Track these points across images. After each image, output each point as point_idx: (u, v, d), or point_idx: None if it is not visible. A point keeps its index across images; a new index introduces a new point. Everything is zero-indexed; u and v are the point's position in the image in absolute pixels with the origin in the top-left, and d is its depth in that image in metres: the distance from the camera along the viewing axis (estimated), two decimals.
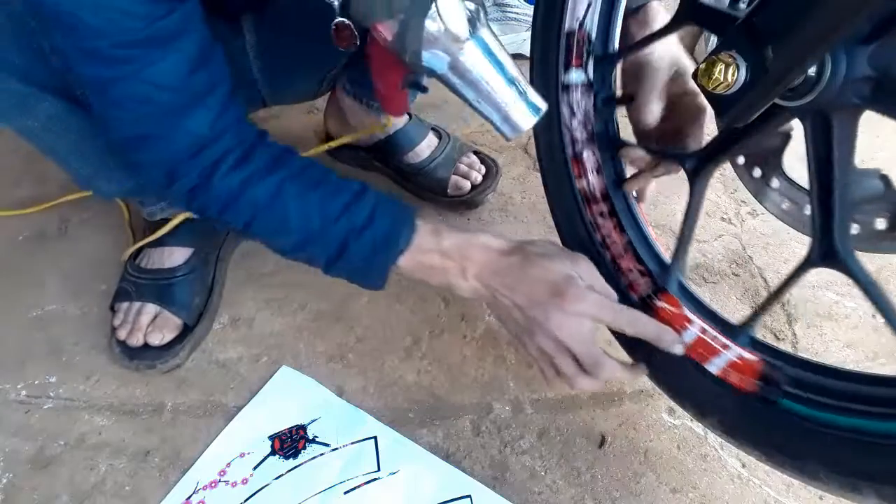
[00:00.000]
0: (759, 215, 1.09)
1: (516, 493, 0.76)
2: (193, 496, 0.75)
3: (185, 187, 0.67)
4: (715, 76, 0.52)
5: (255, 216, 0.68)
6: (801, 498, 0.76)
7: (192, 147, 0.65)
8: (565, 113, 0.78)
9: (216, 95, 0.65)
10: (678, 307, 0.69)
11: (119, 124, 0.65)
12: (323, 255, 0.70)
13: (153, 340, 0.86)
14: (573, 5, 0.75)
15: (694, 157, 0.67)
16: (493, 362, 0.89)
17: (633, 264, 0.74)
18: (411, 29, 0.54)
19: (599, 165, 0.78)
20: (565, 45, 0.76)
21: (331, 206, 0.68)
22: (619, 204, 0.76)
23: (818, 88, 0.51)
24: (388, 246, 0.69)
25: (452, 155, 1.10)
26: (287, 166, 0.69)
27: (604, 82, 0.77)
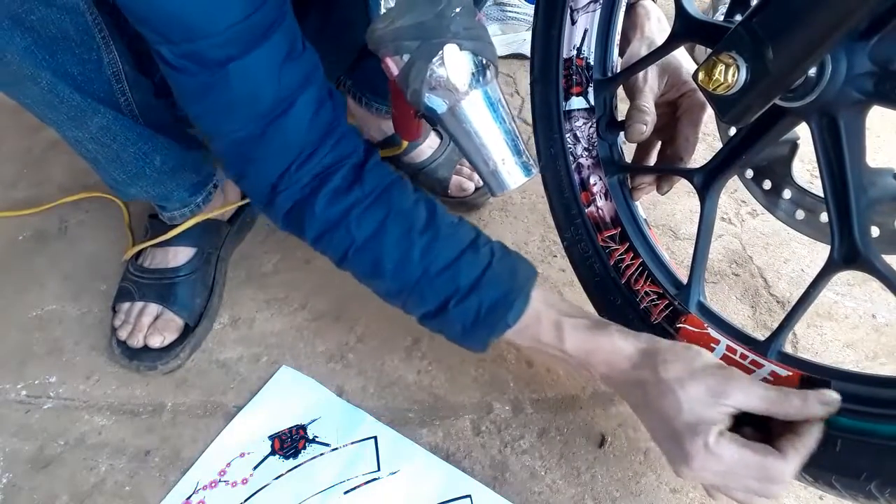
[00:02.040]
0: (759, 215, 1.09)
1: (516, 493, 0.76)
2: (193, 496, 0.75)
3: (288, 202, 0.64)
4: (715, 77, 0.52)
5: (350, 251, 0.64)
6: (801, 498, 0.76)
7: (295, 153, 0.62)
8: (569, 140, 0.78)
9: (312, 88, 0.63)
10: (702, 327, 0.67)
11: (221, 133, 0.63)
12: (419, 308, 0.66)
13: (154, 342, 0.86)
14: (570, 33, 0.75)
15: (702, 171, 0.66)
16: (493, 362, 0.89)
17: (650, 287, 0.72)
18: (415, 69, 0.54)
19: (608, 190, 0.77)
20: (564, 72, 0.77)
21: (436, 257, 0.63)
22: (631, 228, 0.76)
23: (820, 87, 0.51)
24: (493, 318, 0.63)
25: (453, 156, 1.10)
26: (395, 200, 0.64)
27: (605, 107, 0.77)
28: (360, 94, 1.04)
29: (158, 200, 0.90)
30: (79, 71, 0.68)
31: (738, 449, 0.54)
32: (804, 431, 0.55)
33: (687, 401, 0.56)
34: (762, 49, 0.48)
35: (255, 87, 0.60)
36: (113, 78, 0.72)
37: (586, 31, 0.75)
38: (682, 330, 0.69)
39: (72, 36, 0.65)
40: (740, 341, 0.65)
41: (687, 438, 0.55)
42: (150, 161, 0.80)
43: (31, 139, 1.23)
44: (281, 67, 0.60)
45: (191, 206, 0.91)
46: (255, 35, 0.58)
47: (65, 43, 0.65)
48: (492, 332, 0.63)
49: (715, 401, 0.56)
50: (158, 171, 0.82)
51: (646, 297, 0.72)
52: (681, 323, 0.69)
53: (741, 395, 0.56)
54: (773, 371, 0.61)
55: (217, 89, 0.59)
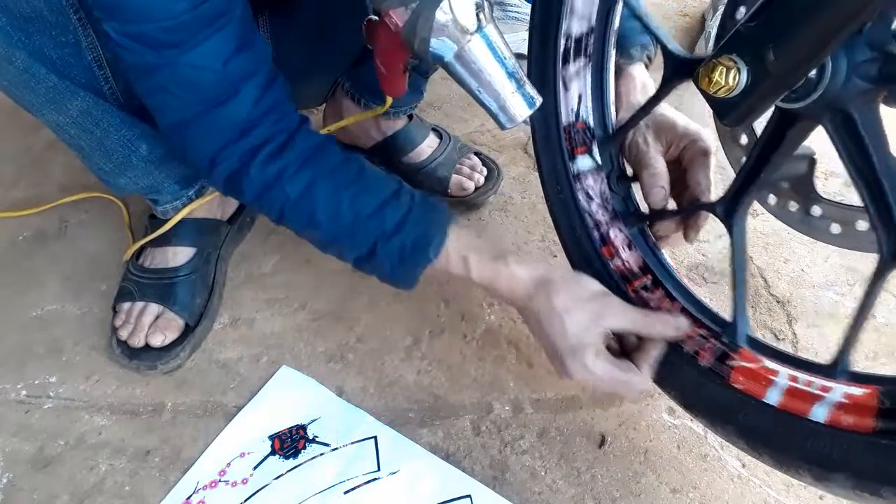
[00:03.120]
0: (759, 215, 1.08)
1: (516, 493, 0.76)
2: (193, 496, 0.75)
3: (225, 172, 0.69)
4: (715, 80, 0.52)
5: (285, 209, 0.70)
6: (801, 498, 0.76)
7: (234, 131, 0.66)
8: (582, 200, 0.78)
9: (257, 77, 0.66)
10: (757, 361, 0.63)
11: (164, 110, 0.67)
12: (352, 254, 0.71)
13: (154, 342, 0.86)
14: (565, 99, 0.77)
15: (723, 201, 0.65)
16: (493, 362, 0.89)
17: (694, 329, 0.68)
18: (422, 18, 0.55)
19: (630, 241, 0.76)
20: (566, 137, 0.77)
21: (363, 205, 0.69)
22: (661, 272, 0.73)
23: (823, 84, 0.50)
24: (416, 255, 0.69)
25: (453, 155, 1.10)
26: (323, 161, 0.70)
27: (612, 162, 0.77)
28: (358, 95, 1.04)
29: (149, 193, 0.89)
30: (57, 55, 0.69)
31: (608, 368, 0.66)
32: (654, 349, 0.68)
33: (570, 326, 0.66)
34: (762, 51, 0.48)
35: (202, 77, 0.63)
36: (94, 63, 0.72)
37: (581, 95, 0.77)
38: (736, 368, 0.64)
39: (46, 16, 0.66)
40: (802, 368, 0.61)
41: (569, 358, 0.67)
42: (136, 149, 0.80)
43: (30, 139, 1.22)
44: (229, 60, 0.63)
45: (183, 198, 0.91)
46: (203, 24, 0.61)
47: (39, 23, 0.66)
48: (416, 266, 0.70)
49: (594, 324, 0.67)
50: (146, 161, 0.82)
51: (690, 341, 0.68)
52: (733, 360, 0.64)
53: (615, 318, 0.67)
54: (846, 393, 0.57)
55: (163, 72, 0.63)
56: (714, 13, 1.43)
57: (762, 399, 0.61)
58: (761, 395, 0.62)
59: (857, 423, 0.55)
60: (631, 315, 0.68)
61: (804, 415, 0.58)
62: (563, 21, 0.73)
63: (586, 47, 0.75)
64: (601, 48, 0.75)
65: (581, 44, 0.75)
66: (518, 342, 0.91)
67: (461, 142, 1.14)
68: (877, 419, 0.54)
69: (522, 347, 0.90)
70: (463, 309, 0.95)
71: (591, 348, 0.66)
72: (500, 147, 1.22)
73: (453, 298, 0.96)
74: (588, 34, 0.74)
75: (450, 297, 0.96)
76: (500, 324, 0.93)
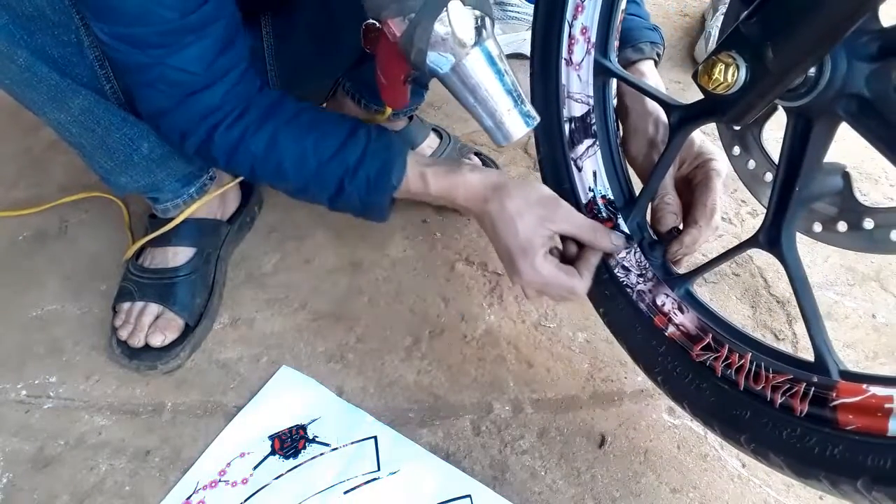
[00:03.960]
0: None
1: (516, 493, 0.76)
2: (193, 496, 0.75)
3: (194, 144, 0.73)
4: (715, 76, 0.52)
5: (255, 165, 0.74)
6: (801, 498, 0.76)
7: (203, 113, 0.71)
8: (621, 275, 0.76)
9: (234, 72, 0.70)
10: (863, 392, 0.54)
11: (147, 101, 0.72)
12: (324, 194, 0.75)
13: (154, 342, 0.86)
14: (580, 179, 0.78)
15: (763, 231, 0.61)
16: (493, 362, 0.89)
17: (776, 379, 0.60)
18: (420, 29, 0.55)
19: (680, 304, 0.71)
20: (590, 215, 0.77)
21: (324, 148, 0.72)
22: (721, 328, 0.67)
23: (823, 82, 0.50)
24: (380, 184, 0.73)
25: (453, 155, 1.10)
26: (279, 115, 0.73)
27: (640, 228, 0.76)
28: (358, 95, 1.04)
29: (150, 192, 0.89)
30: (59, 53, 0.70)
31: (554, 270, 0.70)
32: (593, 255, 0.73)
33: (522, 228, 0.69)
34: (762, 48, 0.48)
35: (185, 76, 0.67)
36: (96, 62, 0.73)
37: (595, 171, 0.78)
38: (841, 406, 0.55)
39: (48, 15, 0.67)
40: None
41: (519, 258, 0.70)
42: (138, 147, 0.81)
43: (31, 139, 1.23)
44: (213, 62, 0.68)
45: (183, 197, 0.91)
46: (192, 30, 0.65)
47: (41, 22, 0.67)
48: (382, 194, 0.74)
49: (543, 226, 0.70)
50: (146, 159, 0.82)
51: (776, 392, 0.60)
52: (835, 399, 0.55)
53: (563, 223, 0.71)
54: None
55: (151, 72, 0.67)
56: (714, 13, 1.43)
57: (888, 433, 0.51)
58: (885, 430, 0.52)
59: None
60: (576, 219, 0.71)
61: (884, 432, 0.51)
62: (562, 108, 0.76)
63: (590, 126, 0.77)
64: (604, 125, 0.77)
65: (584, 123, 0.77)
66: (518, 342, 0.91)
67: (461, 142, 1.14)
68: None
69: (522, 347, 0.90)
70: (463, 309, 0.95)
71: (541, 250, 0.70)
72: (500, 147, 1.22)
73: (453, 298, 0.96)
74: (589, 113, 0.76)
75: (450, 297, 0.96)
76: (500, 324, 0.93)
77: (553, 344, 0.91)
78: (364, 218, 0.77)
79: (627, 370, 0.87)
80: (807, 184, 0.57)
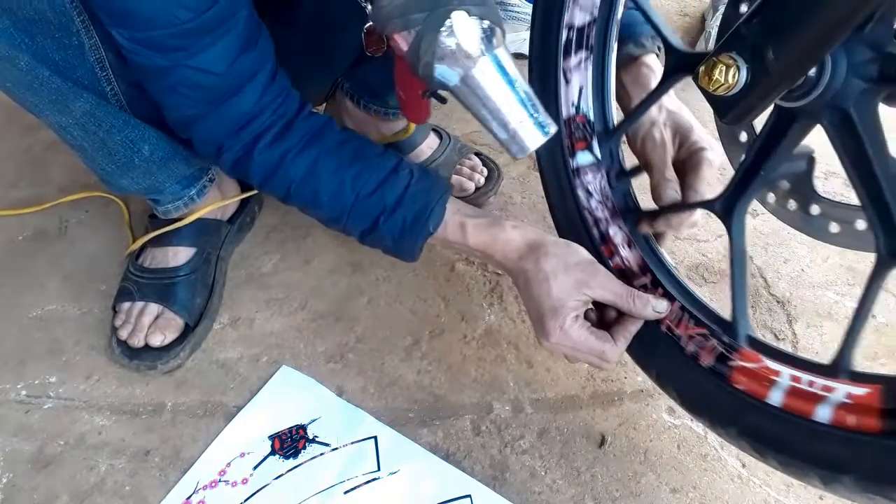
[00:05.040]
0: (759, 215, 1.09)
1: (516, 493, 0.76)
2: (193, 496, 0.75)
3: (230, 160, 0.72)
4: (715, 78, 0.52)
5: (291, 190, 0.72)
6: (801, 498, 0.76)
7: (238, 123, 0.69)
8: (582, 196, 0.77)
9: (262, 74, 0.69)
10: (759, 361, 0.62)
11: (174, 108, 0.71)
12: (356, 229, 0.74)
13: (154, 341, 0.86)
14: (565, 92, 0.76)
15: (721, 199, 0.65)
16: (493, 362, 0.89)
17: (694, 329, 0.68)
18: (425, 42, 0.54)
19: (630, 239, 0.75)
20: (566, 131, 0.77)
21: (364, 183, 0.71)
22: (661, 272, 0.73)
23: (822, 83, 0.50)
24: (416, 229, 0.72)
25: (453, 155, 1.10)
26: (324, 142, 0.72)
27: (612, 157, 0.77)
28: (357, 96, 1.04)
29: (151, 194, 0.89)
30: (60, 56, 0.69)
31: (585, 334, 0.68)
32: (632, 324, 0.70)
33: (556, 289, 0.68)
34: (762, 49, 0.48)
35: (209, 78, 0.66)
36: (97, 65, 0.72)
37: (581, 88, 0.77)
38: (737, 368, 0.63)
39: (49, 18, 0.66)
40: (804, 369, 0.60)
41: (549, 318, 0.68)
42: (139, 150, 0.80)
43: (30, 139, 1.23)
44: (234, 62, 0.66)
45: (184, 199, 0.91)
46: (207, 30, 0.63)
47: (43, 25, 0.66)
48: (417, 239, 0.72)
49: (578, 291, 0.68)
50: (147, 161, 0.82)
51: (690, 341, 0.68)
52: (734, 361, 0.64)
53: (600, 289, 0.68)
54: (849, 392, 0.56)
55: (172, 75, 0.66)
56: (714, 13, 1.43)
57: (765, 400, 0.61)
58: (764, 396, 0.61)
59: (863, 424, 0.54)
60: (614, 287, 0.69)
61: (808, 416, 0.57)
62: (565, 11, 0.73)
63: (588, 39, 0.75)
64: (603, 40, 0.75)
65: (583, 35, 0.74)
66: (518, 342, 0.91)
67: (461, 142, 1.14)
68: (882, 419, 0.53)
69: (522, 347, 0.90)
70: (463, 309, 0.95)
71: (572, 312, 0.68)
72: (499, 147, 1.22)
73: (453, 298, 0.96)
74: (590, 25, 0.74)
75: (450, 297, 0.96)
76: (500, 324, 0.93)
77: None
78: (392, 255, 0.76)
79: (627, 370, 0.87)
80: (773, 168, 0.61)
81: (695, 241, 1.04)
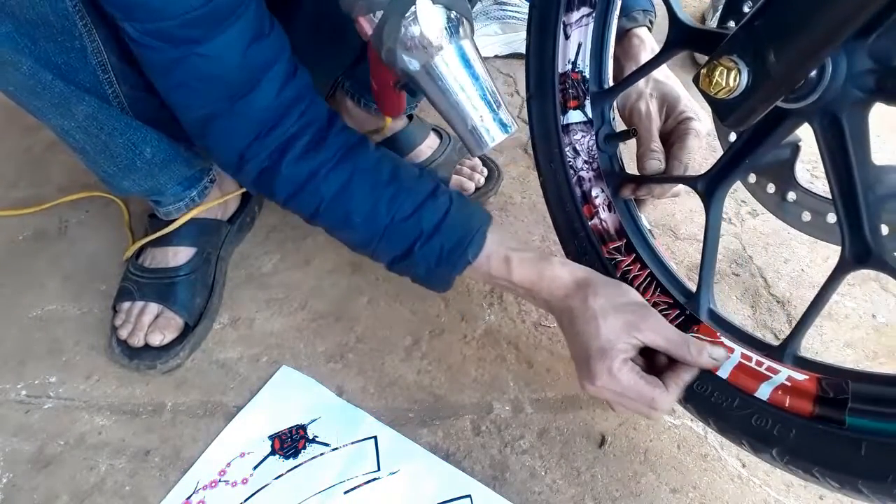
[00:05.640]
0: (759, 215, 1.09)
1: (516, 493, 0.76)
2: (193, 496, 0.75)
3: (255, 170, 0.68)
4: (716, 80, 0.52)
5: (321, 208, 0.68)
6: (801, 498, 0.76)
7: (261, 125, 0.66)
8: (569, 154, 0.78)
9: (277, 67, 0.66)
10: (715, 336, 0.66)
11: (188, 106, 0.67)
12: (387, 255, 0.70)
13: (153, 340, 0.86)
14: (564, 47, 0.76)
15: (705, 178, 0.66)
16: (493, 362, 0.89)
17: (660, 298, 0.71)
18: (388, 26, 0.54)
19: (610, 202, 0.76)
20: (560, 86, 0.77)
21: (400, 206, 0.67)
22: (636, 238, 0.74)
23: (821, 88, 0.51)
24: (453, 258, 0.68)
25: (453, 155, 1.10)
26: (358, 159, 0.68)
27: (603, 119, 0.77)
28: (358, 95, 1.04)
29: (152, 195, 0.89)
30: (63, 60, 0.68)
31: (635, 378, 0.62)
32: (686, 372, 0.64)
33: (605, 329, 0.63)
34: (763, 52, 0.48)
35: (221, 69, 0.63)
36: (99, 68, 0.71)
37: (580, 45, 0.76)
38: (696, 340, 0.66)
39: (52, 22, 0.65)
40: (755, 348, 0.63)
41: (596, 360, 0.63)
42: (141, 152, 0.80)
43: (30, 139, 1.22)
44: (246, 50, 0.63)
45: (185, 200, 0.91)
46: (219, 17, 0.61)
47: (46, 29, 0.65)
48: (454, 269, 0.69)
49: (628, 333, 0.63)
50: (149, 164, 0.82)
51: (655, 307, 0.70)
52: (693, 333, 0.67)
53: (652, 333, 0.64)
54: (789, 376, 0.60)
55: (183, 67, 0.63)
56: (714, 13, 1.43)
57: (715, 373, 0.65)
58: (714, 369, 0.65)
59: (797, 406, 0.59)
60: (668, 332, 0.64)
61: (751, 392, 0.62)
62: None
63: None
64: None
65: None
66: (518, 342, 0.91)
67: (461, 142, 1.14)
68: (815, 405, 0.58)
69: (522, 347, 0.90)
70: (463, 309, 0.95)
71: (621, 354, 0.63)
72: (500, 147, 1.22)
73: (453, 298, 0.96)
74: None
75: (450, 296, 0.96)
76: (500, 324, 0.93)
77: (553, 344, 0.91)
78: (422, 285, 0.73)
79: None
80: (759, 157, 0.62)
81: (695, 240, 1.04)
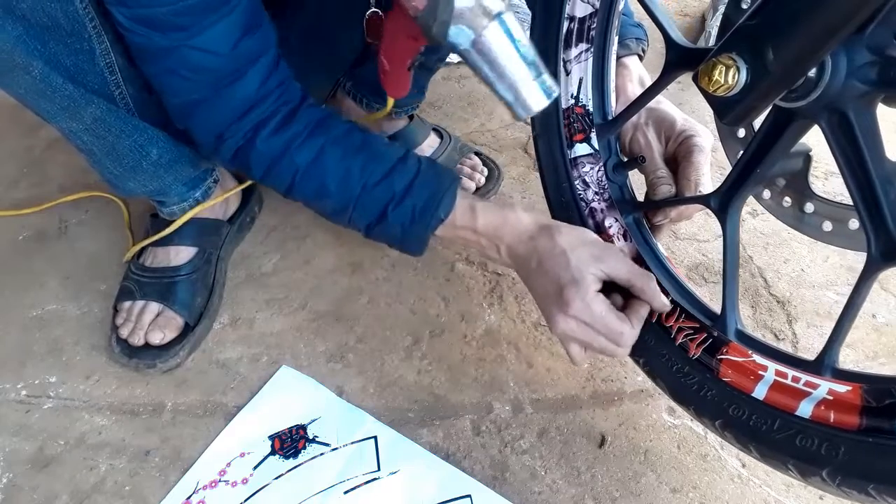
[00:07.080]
0: (759, 215, 1.09)
1: (516, 493, 0.76)
2: (193, 496, 0.75)
3: (231, 149, 0.70)
4: (715, 78, 0.52)
5: (296, 179, 0.71)
6: (801, 498, 0.76)
7: (239, 109, 0.68)
8: (578, 187, 0.78)
9: (265, 58, 0.68)
10: (746, 355, 0.64)
11: (173, 92, 0.69)
12: (363, 220, 0.72)
13: (153, 339, 0.86)
14: (565, 83, 0.77)
15: (717, 195, 0.65)
16: (493, 362, 0.89)
17: (684, 323, 0.69)
18: (443, 1, 0.54)
19: (626, 231, 0.77)
20: (565, 122, 0.78)
21: (372, 172, 0.70)
22: (654, 265, 0.74)
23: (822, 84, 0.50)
24: (426, 216, 0.70)
25: (454, 155, 1.10)
26: (329, 130, 0.71)
27: (610, 150, 0.78)
28: (359, 95, 1.04)
29: (156, 196, 0.89)
30: (72, 62, 0.69)
31: (606, 308, 0.66)
32: (642, 307, 0.68)
33: (574, 260, 0.66)
34: (762, 50, 0.48)
35: (210, 60, 0.65)
36: (106, 69, 0.72)
37: (581, 79, 0.77)
38: (725, 361, 0.65)
39: (62, 24, 0.65)
40: (790, 364, 0.61)
41: (570, 288, 0.65)
42: (147, 154, 0.80)
43: (31, 138, 1.23)
44: (237, 43, 0.65)
45: (189, 200, 0.91)
46: (211, 8, 0.62)
47: (56, 31, 0.66)
48: (427, 227, 0.71)
49: (595, 263, 0.66)
50: (155, 165, 0.82)
51: (680, 333, 0.69)
52: (723, 354, 0.65)
53: (616, 263, 0.67)
54: (830, 389, 0.57)
55: (172, 56, 0.64)
56: (714, 13, 1.43)
57: (751, 394, 0.62)
58: (750, 390, 0.63)
59: (842, 420, 0.55)
60: (629, 265, 0.68)
61: (792, 410, 0.59)
62: (566, 2, 0.73)
63: (589, 31, 0.75)
64: (604, 33, 0.75)
65: (584, 26, 0.75)
66: (518, 342, 0.91)
67: (462, 142, 1.15)
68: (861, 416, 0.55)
69: (522, 347, 0.90)
70: (463, 309, 0.95)
71: (593, 284, 0.66)
72: (500, 147, 1.22)
73: (453, 298, 0.96)
74: (591, 16, 0.74)
75: (450, 297, 0.96)
76: (500, 324, 0.93)
77: (553, 344, 0.91)
78: (399, 249, 0.75)
79: (627, 370, 0.87)
80: (769, 166, 0.61)
81: (695, 240, 1.04)
